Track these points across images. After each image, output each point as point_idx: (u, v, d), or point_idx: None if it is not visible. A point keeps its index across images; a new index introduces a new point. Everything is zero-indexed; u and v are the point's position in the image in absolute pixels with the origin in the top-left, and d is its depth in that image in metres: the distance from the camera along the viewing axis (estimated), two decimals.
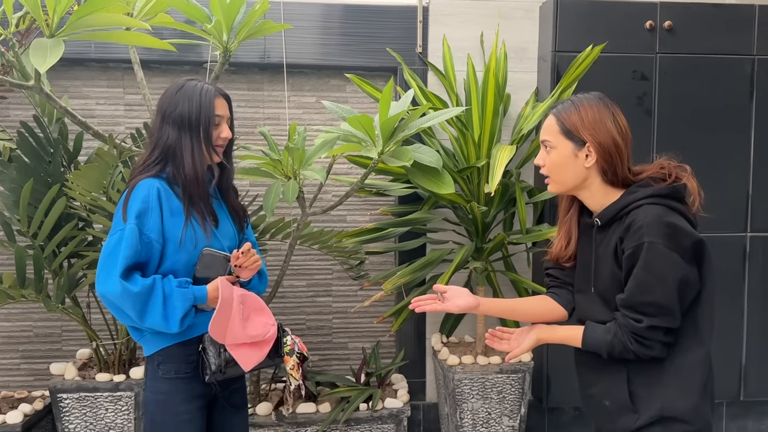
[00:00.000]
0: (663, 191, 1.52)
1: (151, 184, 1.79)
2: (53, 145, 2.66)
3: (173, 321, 1.76)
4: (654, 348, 1.49)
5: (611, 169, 1.56)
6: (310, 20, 3.20)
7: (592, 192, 1.60)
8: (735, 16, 3.12)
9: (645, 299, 1.47)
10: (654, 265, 1.46)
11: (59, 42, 1.87)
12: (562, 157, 1.58)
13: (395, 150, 2.35)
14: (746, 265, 3.23)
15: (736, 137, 3.18)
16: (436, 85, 3.21)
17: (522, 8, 3.28)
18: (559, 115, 1.59)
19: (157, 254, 1.79)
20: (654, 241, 1.45)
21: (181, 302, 1.76)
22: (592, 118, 1.55)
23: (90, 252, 2.65)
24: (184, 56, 3.09)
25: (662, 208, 1.49)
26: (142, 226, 1.76)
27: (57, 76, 3.10)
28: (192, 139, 1.81)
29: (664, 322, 1.48)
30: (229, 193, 1.99)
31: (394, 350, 3.45)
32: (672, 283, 1.46)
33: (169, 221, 1.80)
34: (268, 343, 1.93)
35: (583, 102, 1.58)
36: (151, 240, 1.77)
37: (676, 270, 1.46)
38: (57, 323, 3.23)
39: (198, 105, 1.82)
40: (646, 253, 1.46)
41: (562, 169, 1.59)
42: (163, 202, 1.79)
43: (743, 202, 3.21)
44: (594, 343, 1.56)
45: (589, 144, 1.54)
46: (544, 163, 1.62)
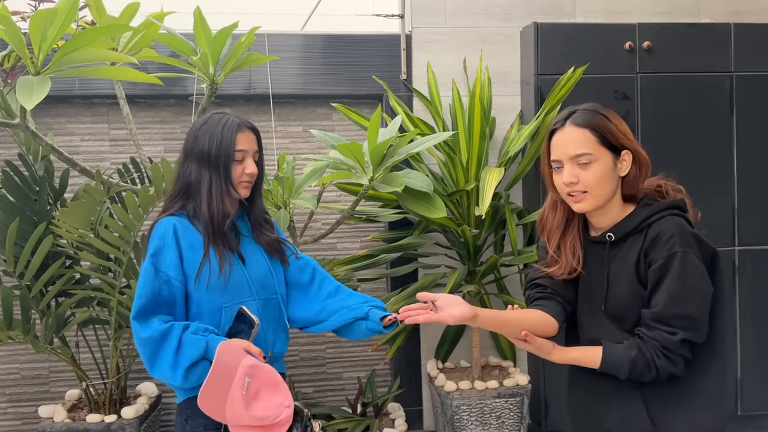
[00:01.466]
0: (680, 204, 1.50)
1: (168, 222, 1.73)
2: (39, 183, 2.63)
3: (179, 371, 1.61)
4: (679, 364, 1.43)
5: (634, 181, 1.50)
6: (294, 51, 3.22)
7: (611, 205, 1.52)
8: (711, 34, 3.19)
9: (679, 311, 1.41)
10: (689, 276, 1.41)
11: (45, 79, 1.86)
12: (606, 169, 1.48)
13: (385, 176, 2.36)
14: (736, 278, 3.25)
15: (719, 152, 3.23)
16: (422, 111, 3.24)
17: (503, 33, 3.33)
18: (590, 124, 1.49)
19: (181, 293, 1.70)
20: (687, 251, 1.41)
21: (191, 350, 1.61)
22: (623, 126, 1.50)
23: (78, 290, 2.61)
24: (170, 90, 3.09)
25: (683, 220, 1.47)
26: (158, 263, 1.69)
27: (41, 114, 3.08)
28: (212, 176, 1.72)
29: (694, 336, 1.43)
30: (260, 228, 1.85)
31: (390, 378, 3.41)
32: (705, 295, 1.43)
33: (188, 256, 1.71)
34: (280, 427, 1.57)
35: (604, 110, 1.52)
36: (170, 278, 1.69)
37: (707, 282, 1.43)
38: (44, 364, 3.16)
39: (219, 141, 1.72)
40: (680, 263, 1.41)
41: (605, 181, 1.48)
42: (181, 238, 1.71)
43: (729, 216, 3.24)
44: (614, 361, 1.46)
45: (626, 152, 1.49)
46: (578, 179, 1.48)
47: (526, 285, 1.74)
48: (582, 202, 1.50)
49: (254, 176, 1.78)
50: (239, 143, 1.73)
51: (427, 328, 3.28)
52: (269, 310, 1.79)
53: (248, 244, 1.82)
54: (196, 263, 1.70)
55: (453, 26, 3.30)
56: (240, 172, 1.75)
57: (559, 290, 1.64)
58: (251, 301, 1.74)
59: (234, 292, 1.73)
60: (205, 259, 1.70)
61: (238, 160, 1.74)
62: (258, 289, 1.77)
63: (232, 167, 1.73)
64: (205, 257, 1.70)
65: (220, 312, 1.72)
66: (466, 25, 3.31)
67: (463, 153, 2.88)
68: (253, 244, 1.83)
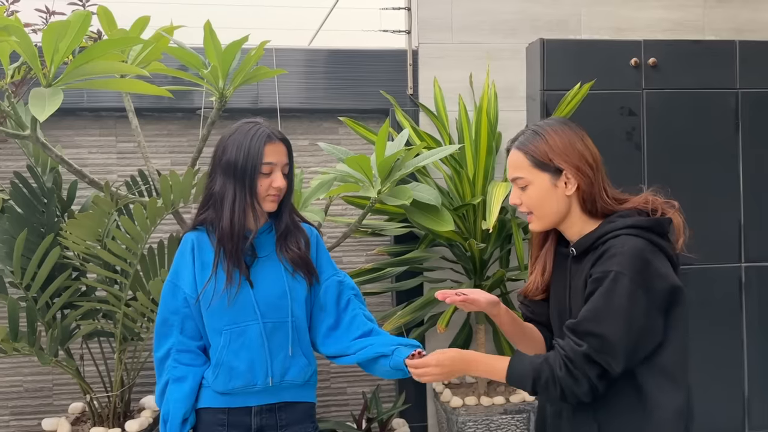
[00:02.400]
0: (644, 223, 1.42)
1: (188, 239, 1.73)
2: (47, 194, 2.63)
3: (157, 391, 1.75)
4: (581, 385, 1.35)
5: (590, 196, 1.47)
6: (302, 65, 3.24)
7: (572, 222, 1.51)
8: (716, 51, 3.21)
9: (592, 329, 1.36)
10: (615, 297, 1.34)
11: (58, 91, 1.87)
12: (542, 190, 1.48)
13: (393, 189, 2.36)
14: (743, 295, 3.24)
15: (725, 169, 3.23)
16: (428, 125, 3.25)
17: (509, 49, 3.35)
18: (525, 148, 1.49)
19: (198, 311, 1.70)
20: (622, 272, 1.35)
21: (168, 403, 1.72)
22: (561, 143, 1.46)
23: (84, 302, 2.60)
24: (177, 103, 3.10)
25: (643, 242, 1.39)
26: (177, 280, 1.71)
27: (49, 127, 3.10)
28: (236, 188, 1.65)
29: (604, 360, 1.35)
30: (285, 243, 1.75)
31: (395, 394, 3.39)
32: (625, 324, 1.34)
33: (200, 274, 1.69)
34: None
35: (546, 129, 1.49)
36: (186, 295, 1.70)
37: (636, 312, 1.35)
38: (48, 377, 3.14)
39: (246, 151, 1.64)
40: (610, 282, 1.35)
41: (545, 203, 1.48)
42: (196, 255, 1.70)
43: (736, 232, 3.24)
44: (521, 369, 1.41)
45: (566, 170, 1.46)
46: (521, 201, 1.52)
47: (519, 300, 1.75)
48: (531, 222, 1.54)
49: (282, 190, 1.70)
50: (267, 155, 1.65)
51: (434, 343, 3.26)
52: (279, 334, 1.71)
53: (265, 263, 1.73)
54: (204, 282, 1.68)
55: (459, 42, 3.32)
56: (266, 186, 1.67)
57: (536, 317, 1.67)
58: (254, 325, 1.69)
59: (237, 315, 1.68)
60: (210, 279, 1.67)
61: (265, 173, 1.66)
62: (265, 312, 1.69)
63: (258, 180, 1.66)
64: (211, 277, 1.67)
65: (219, 334, 1.69)
66: (472, 41, 3.33)
67: (470, 167, 2.88)
68: (272, 262, 1.74)
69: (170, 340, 1.72)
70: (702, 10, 3.52)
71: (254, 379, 1.69)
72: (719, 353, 3.22)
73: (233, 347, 1.68)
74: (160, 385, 1.75)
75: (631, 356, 1.38)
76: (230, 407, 1.71)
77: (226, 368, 1.69)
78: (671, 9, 3.48)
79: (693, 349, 3.18)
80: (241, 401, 1.71)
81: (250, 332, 1.68)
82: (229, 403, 1.71)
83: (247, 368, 1.68)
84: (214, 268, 1.67)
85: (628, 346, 1.36)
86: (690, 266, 3.19)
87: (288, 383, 1.73)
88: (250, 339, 1.69)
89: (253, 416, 1.71)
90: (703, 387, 3.21)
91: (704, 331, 3.20)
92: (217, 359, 1.69)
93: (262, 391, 1.71)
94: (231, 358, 1.68)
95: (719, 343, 3.22)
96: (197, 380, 1.72)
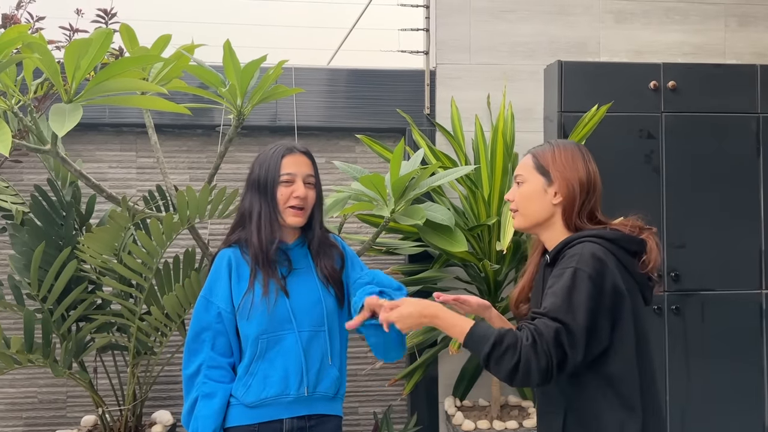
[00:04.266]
0: (609, 235, 1.51)
1: (224, 255, 1.79)
2: (66, 208, 2.67)
3: (185, 409, 1.74)
4: (539, 360, 1.36)
5: (570, 211, 1.56)
6: (320, 84, 3.27)
7: (554, 233, 1.60)
8: (737, 75, 3.18)
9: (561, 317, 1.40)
10: (575, 292, 1.41)
11: (78, 107, 1.91)
12: (532, 190, 1.60)
13: (407, 208, 2.36)
14: (763, 322, 3.17)
15: (746, 194, 3.18)
16: (444, 145, 3.25)
17: (526, 71, 3.35)
18: (535, 152, 1.64)
19: (232, 325, 1.74)
20: (581, 269, 1.43)
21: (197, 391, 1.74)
22: (564, 158, 1.59)
23: (99, 315, 2.62)
24: (197, 120, 3.15)
25: (600, 247, 1.47)
26: (210, 296, 1.76)
27: (71, 141, 3.15)
28: (261, 202, 1.74)
29: (569, 341, 1.38)
30: (321, 259, 1.80)
31: (406, 415, 3.35)
32: (585, 316, 1.40)
33: (236, 289, 1.75)
34: None
35: (559, 144, 1.63)
36: (221, 310, 1.73)
37: (593, 307, 1.41)
38: (62, 389, 3.17)
39: (267, 167, 1.74)
40: (570, 276, 1.43)
41: (530, 202, 1.60)
42: (233, 270, 1.76)
43: (756, 259, 3.18)
44: (484, 332, 1.42)
45: (556, 181, 1.57)
46: (514, 197, 1.64)
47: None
48: (515, 219, 1.65)
49: (304, 200, 1.75)
50: (285, 166, 1.74)
51: (446, 364, 3.24)
52: (316, 343, 1.75)
53: (300, 275, 1.78)
54: (242, 294, 1.73)
55: (477, 63, 3.33)
56: (287, 196, 1.73)
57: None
58: (290, 333, 1.72)
59: (274, 324, 1.71)
60: (249, 291, 1.72)
61: (285, 182, 1.73)
62: (301, 321, 1.73)
63: (278, 190, 1.73)
64: (249, 288, 1.72)
65: (255, 343, 1.71)
66: (489, 62, 3.34)
67: (485, 187, 2.88)
68: (308, 274, 1.78)
69: (201, 356, 1.74)
70: (723, 34, 3.50)
71: (288, 389, 1.71)
72: (739, 381, 3.15)
73: (269, 356, 1.71)
74: (188, 402, 1.74)
75: (586, 351, 1.42)
76: (261, 422, 1.71)
77: (261, 377, 1.70)
78: (692, 33, 3.47)
79: (712, 377, 3.14)
80: (273, 413, 1.71)
81: (287, 341, 1.71)
82: (260, 417, 1.70)
83: (282, 377, 1.70)
84: (251, 280, 1.73)
85: (585, 338, 1.41)
86: (710, 291, 3.14)
87: (320, 394, 1.74)
88: (286, 347, 1.71)
89: (284, 431, 1.71)
90: (722, 416, 3.13)
91: (724, 358, 3.13)
92: (251, 369, 1.71)
93: (295, 402, 1.72)
94: (266, 367, 1.70)
95: (739, 371, 3.15)
96: (226, 397, 1.73)
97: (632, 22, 3.43)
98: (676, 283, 3.12)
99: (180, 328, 2.69)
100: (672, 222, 3.12)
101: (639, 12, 3.44)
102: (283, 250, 1.77)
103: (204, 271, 2.48)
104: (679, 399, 3.12)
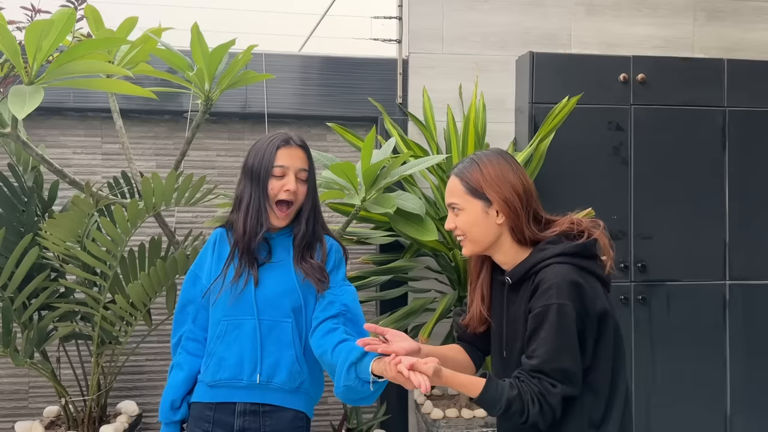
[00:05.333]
0: (572, 249, 1.49)
1: (215, 233, 1.86)
2: (27, 193, 2.60)
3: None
4: (547, 416, 1.41)
5: (518, 227, 1.53)
6: (292, 71, 3.23)
7: (504, 250, 1.56)
8: (705, 69, 3.22)
9: (557, 366, 1.42)
10: (566, 329, 1.41)
11: (38, 89, 1.85)
12: (473, 217, 1.54)
13: (378, 197, 2.35)
14: (726, 313, 3.24)
15: (711, 186, 3.24)
16: (416, 135, 3.24)
17: (499, 62, 3.35)
18: (461, 175, 1.56)
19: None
20: (564, 303, 1.41)
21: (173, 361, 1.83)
22: (494, 173, 1.53)
23: (62, 303, 2.56)
24: (164, 105, 3.08)
25: (573, 268, 1.46)
26: (200, 270, 1.83)
27: (34, 125, 3.07)
28: (252, 190, 1.73)
29: (570, 390, 1.43)
30: (303, 256, 1.77)
31: (376, 404, 3.36)
32: (577, 351, 1.43)
33: (215, 269, 1.79)
34: None
35: (483, 159, 1.56)
36: (204, 286, 1.79)
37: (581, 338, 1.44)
38: (24, 379, 3.09)
39: (261, 156, 1.74)
40: (556, 315, 1.41)
41: (477, 228, 1.54)
42: (216, 250, 1.81)
43: (721, 250, 3.24)
44: (494, 395, 1.42)
45: (494, 203, 1.52)
46: (455, 225, 1.57)
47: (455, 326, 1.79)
48: (464, 247, 1.59)
49: (294, 194, 1.74)
50: (279, 158, 1.73)
51: None
52: (276, 333, 1.73)
53: (277, 265, 1.77)
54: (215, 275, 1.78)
55: (449, 53, 3.32)
56: (278, 189, 1.73)
57: (470, 339, 1.73)
58: (249, 320, 1.72)
59: (237, 309, 1.73)
60: (221, 275, 1.75)
61: (277, 176, 1.73)
62: (263, 309, 1.72)
63: (270, 182, 1.72)
64: (222, 272, 1.75)
65: (216, 325, 1.76)
66: (462, 52, 3.34)
67: None
68: (284, 265, 1.77)
69: (183, 327, 1.83)
70: (692, 28, 3.55)
71: (241, 373, 1.72)
72: (702, 371, 3.21)
73: (227, 339, 1.73)
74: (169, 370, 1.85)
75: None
76: (216, 402, 1.73)
77: (217, 358, 1.73)
78: (661, 26, 3.51)
79: (675, 365, 3.20)
80: (226, 395, 1.73)
81: (245, 327, 1.73)
82: (216, 397, 1.74)
83: (237, 361, 1.72)
84: (226, 263, 1.76)
85: (580, 367, 1.45)
86: (676, 282, 3.19)
87: (276, 386, 1.72)
88: (244, 333, 1.72)
89: (236, 416, 1.72)
90: (685, 404, 3.20)
91: (688, 347, 3.20)
92: (210, 349, 1.75)
93: (247, 388, 1.73)
94: (223, 349, 1.73)
95: (702, 361, 3.22)
96: (194, 371, 1.79)
97: (603, 15, 3.46)
98: (643, 273, 3.16)
99: (145, 317, 2.65)
100: (639, 213, 3.17)
101: (610, 4, 3.46)
102: (266, 238, 1.77)
103: (170, 259, 2.43)
104: (645, 387, 3.17)
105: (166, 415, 1.77)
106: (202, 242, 2.73)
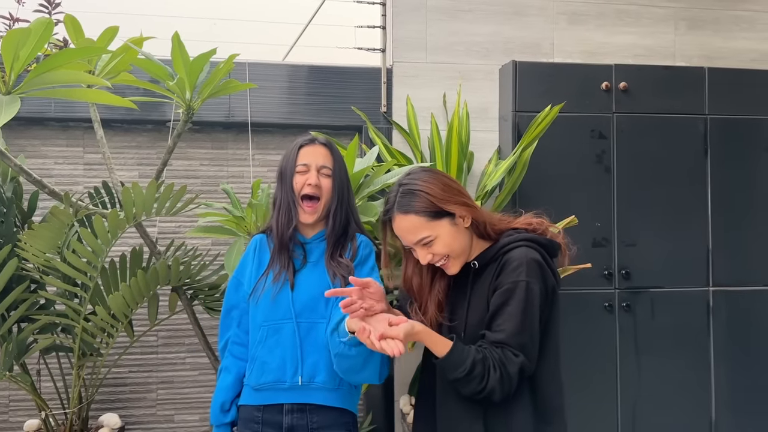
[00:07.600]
0: (542, 240, 1.59)
1: (255, 239, 1.91)
2: (6, 204, 2.57)
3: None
4: (505, 386, 1.48)
5: (480, 222, 1.61)
6: (275, 80, 3.23)
7: (476, 247, 1.65)
8: (686, 77, 3.25)
9: (522, 341, 1.49)
10: (530, 307, 1.49)
11: (15, 99, 1.83)
12: (448, 235, 1.57)
13: (362, 205, 2.34)
14: (710, 319, 3.25)
15: (693, 193, 3.26)
16: (401, 143, 3.25)
17: (482, 70, 3.37)
18: (413, 209, 1.55)
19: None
20: (532, 281, 1.50)
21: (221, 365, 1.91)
22: (437, 189, 1.56)
23: (41, 315, 2.53)
24: (147, 115, 3.07)
25: (537, 253, 1.55)
26: (242, 276, 1.88)
27: (14, 135, 3.04)
28: (282, 191, 1.83)
29: (529, 365, 1.51)
30: (335, 255, 1.81)
31: (362, 414, 3.34)
32: (539, 326, 1.52)
33: (255, 273, 1.84)
34: None
35: (418, 183, 1.57)
36: (246, 292, 1.84)
37: (542, 315, 1.53)
38: (4, 392, 3.05)
39: (287, 158, 1.85)
40: (524, 292, 1.49)
41: (457, 241, 1.58)
42: (257, 255, 1.86)
43: (704, 257, 3.26)
44: (460, 356, 1.47)
45: (456, 211, 1.57)
46: (433, 254, 1.58)
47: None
48: (451, 267, 1.61)
49: (317, 188, 1.80)
50: (301, 157, 1.82)
51: (402, 363, 3.23)
52: (313, 334, 1.78)
53: (313, 268, 1.83)
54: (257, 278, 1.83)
55: (433, 62, 3.33)
56: (301, 184, 1.80)
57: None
58: (288, 323, 1.77)
59: (275, 313, 1.78)
60: (263, 277, 1.81)
61: (301, 172, 1.81)
62: (300, 312, 1.77)
63: (294, 179, 1.81)
64: (264, 275, 1.81)
65: (258, 330, 1.80)
66: (446, 61, 3.35)
67: None
68: (319, 267, 1.82)
69: (229, 332, 1.89)
70: (673, 37, 3.58)
71: (284, 376, 1.76)
72: (687, 377, 3.22)
73: (268, 343, 1.78)
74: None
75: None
76: (264, 404, 1.78)
77: (260, 363, 1.79)
78: (643, 35, 3.54)
79: (661, 372, 3.20)
80: (273, 398, 1.78)
81: (285, 330, 1.77)
82: (263, 400, 1.78)
83: (279, 365, 1.77)
84: (268, 267, 1.82)
85: (539, 343, 1.55)
86: (659, 289, 3.20)
87: (317, 385, 1.77)
88: (284, 337, 1.77)
89: (284, 414, 1.76)
90: (670, 409, 3.21)
91: (673, 354, 3.20)
92: (252, 354, 1.81)
93: (291, 389, 1.77)
94: (265, 354, 1.78)
95: (687, 367, 3.22)
96: (240, 374, 1.86)
97: (585, 24, 3.49)
98: (627, 280, 3.17)
99: (127, 329, 2.62)
100: (623, 221, 3.18)
101: (592, 14, 3.49)
102: (301, 243, 1.84)
103: (152, 269, 2.41)
104: (630, 394, 3.18)
105: (217, 417, 1.84)
106: (184, 252, 2.71)
